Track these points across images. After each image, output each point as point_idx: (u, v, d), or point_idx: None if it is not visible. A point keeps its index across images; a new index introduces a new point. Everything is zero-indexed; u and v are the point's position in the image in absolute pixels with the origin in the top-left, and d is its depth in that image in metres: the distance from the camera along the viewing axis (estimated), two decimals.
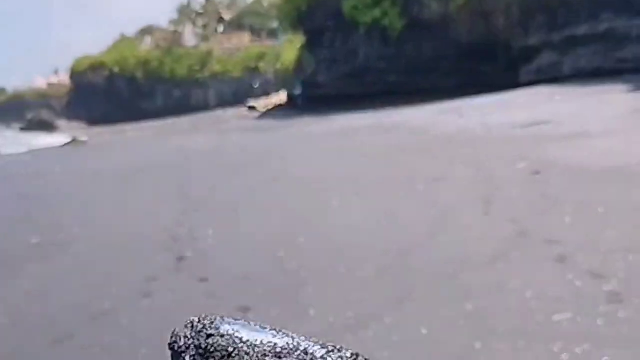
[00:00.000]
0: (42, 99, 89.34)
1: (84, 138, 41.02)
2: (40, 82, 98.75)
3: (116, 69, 73.84)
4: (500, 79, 32.93)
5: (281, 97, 48.64)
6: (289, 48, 51.02)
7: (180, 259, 8.73)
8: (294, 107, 42.24)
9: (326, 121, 31.79)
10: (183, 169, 18.25)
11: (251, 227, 10.22)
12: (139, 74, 72.83)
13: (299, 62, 45.29)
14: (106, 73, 74.59)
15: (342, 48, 39.79)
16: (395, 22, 38.44)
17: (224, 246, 9.30)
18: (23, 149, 41.95)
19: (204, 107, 65.14)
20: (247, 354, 0.70)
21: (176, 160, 21.01)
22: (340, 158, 16.86)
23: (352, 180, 13.27)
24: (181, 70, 71.59)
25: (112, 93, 72.90)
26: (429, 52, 37.68)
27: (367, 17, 38.90)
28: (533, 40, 34.42)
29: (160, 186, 15.43)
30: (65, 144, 37.94)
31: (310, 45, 40.88)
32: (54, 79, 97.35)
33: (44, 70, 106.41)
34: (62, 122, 75.34)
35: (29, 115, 73.47)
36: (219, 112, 56.48)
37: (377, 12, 38.63)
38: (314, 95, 40.87)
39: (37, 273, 8.97)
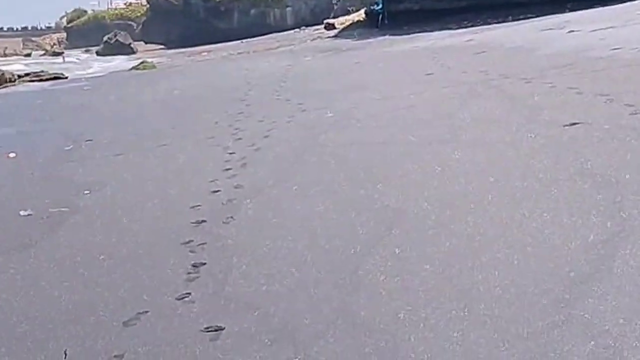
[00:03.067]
0: (121, 20, 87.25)
1: (152, 61, 38.22)
2: (119, 3, 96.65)
3: None
4: None
5: (360, 14, 44.64)
6: None
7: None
8: (374, 25, 38.30)
9: (408, 40, 28.06)
10: (240, 99, 15.04)
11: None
12: None
13: None
14: None
15: None
16: None
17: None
18: (89, 73, 39.84)
19: (281, 26, 62.03)
20: None
21: (237, 87, 17.86)
22: (427, 87, 13.31)
23: (445, 117, 9.82)
24: None
25: (188, 13, 69.79)
26: None
27: None
28: None
29: (205, 126, 12.27)
30: (132, 68, 35.26)
31: None
32: (132, 0, 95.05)
33: None
34: (139, 44, 73.22)
35: (106, 37, 71.22)
36: (296, 31, 53.33)
37: None
38: (395, 11, 36.75)
39: None
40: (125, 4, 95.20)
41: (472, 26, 29.33)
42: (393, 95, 12.85)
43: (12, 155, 11.47)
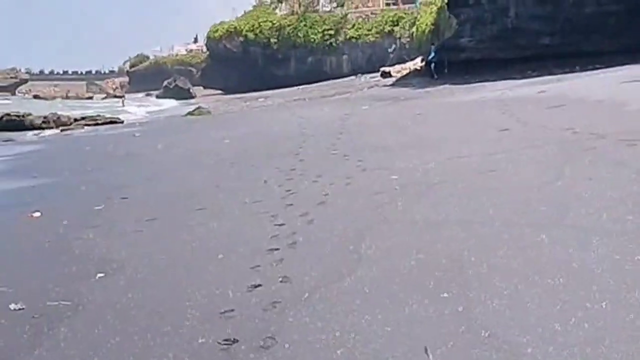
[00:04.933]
0: (181, 66, 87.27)
1: (207, 107, 37.05)
2: (180, 49, 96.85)
3: (251, 36, 69.90)
4: None
5: (417, 63, 42.94)
6: (426, 11, 45.08)
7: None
8: (431, 74, 36.51)
9: (470, 90, 26.17)
10: (293, 153, 13.33)
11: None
12: (273, 40, 68.69)
13: (437, 25, 39.33)
14: (241, 40, 70.75)
15: (490, 6, 33.40)
16: None
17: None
18: (144, 117, 38.85)
19: (337, 73, 60.85)
20: None
21: (291, 137, 16.21)
22: (504, 146, 11.40)
23: (536, 189, 7.90)
24: (315, 36, 67.12)
25: (247, 60, 69.05)
26: (591, 8, 30.98)
27: None
28: None
29: (260, 174, 10.52)
30: (188, 113, 34.06)
31: (453, 4, 34.71)
32: (193, 46, 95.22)
33: (185, 38, 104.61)
34: (198, 89, 72.78)
35: (165, 82, 70.90)
36: (352, 79, 51.90)
37: None
38: (455, 60, 34.85)
39: None
40: (186, 50, 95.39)
41: (537, 76, 27.33)
42: (465, 154, 10.95)
43: (36, 215, 9.87)
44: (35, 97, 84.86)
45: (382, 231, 7.00)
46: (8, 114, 32.93)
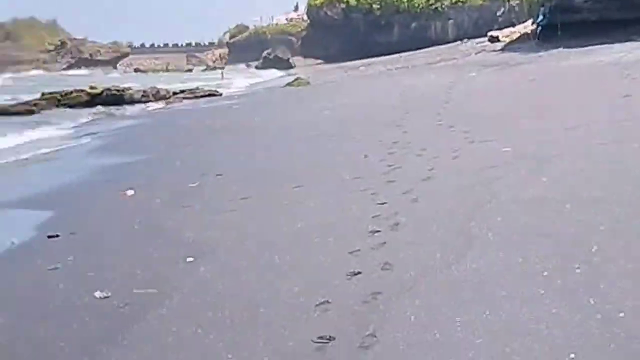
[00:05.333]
0: (281, 35, 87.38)
1: (307, 77, 36.83)
2: (280, 19, 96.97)
3: (352, 2, 69.29)
4: None
5: (527, 26, 41.41)
6: None
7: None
8: (542, 37, 35.08)
9: (586, 53, 24.94)
10: (395, 124, 12.86)
11: None
12: (376, 6, 67.86)
13: None
14: (342, 6, 70.21)
15: None
16: None
17: None
18: (243, 89, 39.00)
19: (443, 39, 59.62)
20: None
21: (394, 107, 15.73)
22: (629, 114, 10.60)
23: None
24: (420, 1, 65.90)
25: (348, 27, 68.49)
26: None
27: None
28: None
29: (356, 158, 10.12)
30: (287, 84, 33.91)
31: None
32: (293, 15, 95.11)
33: (285, 7, 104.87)
34: (298, 59, 72.76)
35: (265, 53, 71.23)
36: (458, 44, 50.67)
37: None
38: (569, 22, 33.29)
39: None
40: (286, 19, 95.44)
41: None
42: (585, 123, 10.23)
43: (129, 193, 9.76)
44: (136, 70, 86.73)
45: (494, 210, 6.49)
46: (108, 89, 33.51)
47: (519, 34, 41.39)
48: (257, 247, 6.39)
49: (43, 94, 33.34)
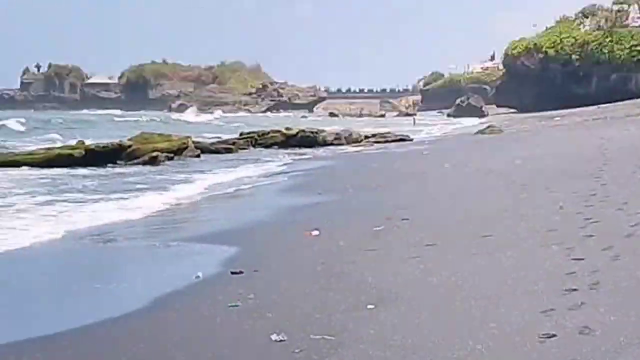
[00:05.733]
0: (475, 83, 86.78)
1: (499, 125, 36.10)
2: (475, 67, 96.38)
3: (551, 52, 67.54)
4: None
5: None
6: None
7: None
8: None
9: None
10: (593, 176, 12.06)
11: None
12: (575, 57, 65.74)
13: None
14: (540, 56, 68.60)
15: None
16: None
17: None
18: (435, 135, 38.79)
19: None
20: None
21: (590, 159, 14.83)
22: None
23: None
24: (622, 52, 63.27)
25: (544, 77, 66.82)
26: None
27: None
28: None
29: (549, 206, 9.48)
30: (478, 132, 33.36)
31: None
32: (489, 64, 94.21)
33: (481, 55, 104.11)
34: (491, 107, 71.77)
35: (458, 100, 70.90)
36: None
37: None
38: None
39: None
40: (481, 67, 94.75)
41: None
42: None
43: (314, 233, 9.69)
44: (331, 114, 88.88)
45: None
46: (303, 130, 34.49)
47: None
48: (441, 299, 6.00)
49: (241, 134, 34.98)
